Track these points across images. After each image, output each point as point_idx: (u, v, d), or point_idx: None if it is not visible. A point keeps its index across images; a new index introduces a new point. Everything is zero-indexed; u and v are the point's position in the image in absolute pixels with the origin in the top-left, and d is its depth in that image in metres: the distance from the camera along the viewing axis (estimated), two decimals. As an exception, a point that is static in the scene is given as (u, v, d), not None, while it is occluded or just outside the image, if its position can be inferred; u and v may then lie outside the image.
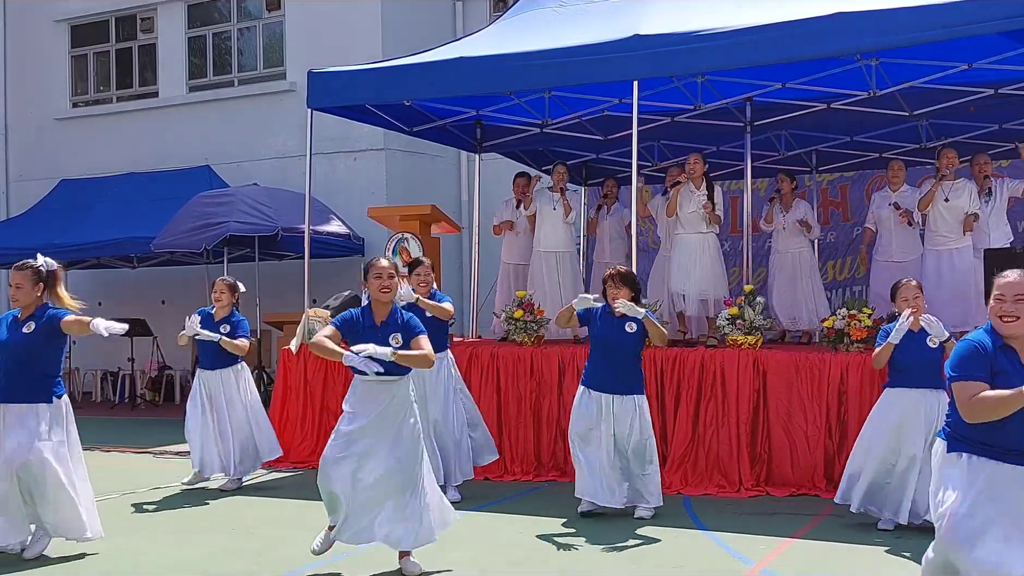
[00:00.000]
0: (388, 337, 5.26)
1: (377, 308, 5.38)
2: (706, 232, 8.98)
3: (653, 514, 6.60)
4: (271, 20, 15.36)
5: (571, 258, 10.02)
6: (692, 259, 8.96)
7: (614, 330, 6.63)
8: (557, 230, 9.85)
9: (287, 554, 5.88)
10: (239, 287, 8.19)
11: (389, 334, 5.28)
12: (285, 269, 13.87)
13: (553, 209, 9.81)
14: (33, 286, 5.80)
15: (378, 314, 5.37)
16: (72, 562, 5.74)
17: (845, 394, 7.39)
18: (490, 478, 8.16)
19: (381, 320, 5.34)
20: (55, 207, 15.45)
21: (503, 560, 5.66)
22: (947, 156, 8.78)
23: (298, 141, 13.68)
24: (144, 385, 14.63)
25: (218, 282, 8.14)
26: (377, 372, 5.11)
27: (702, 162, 8.99)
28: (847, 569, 5.53)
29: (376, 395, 5.29)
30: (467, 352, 8.59)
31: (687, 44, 7.65)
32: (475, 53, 8.56)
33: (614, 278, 6.66)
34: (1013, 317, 3.79)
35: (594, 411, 6.60)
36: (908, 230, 9.23)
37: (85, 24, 16.85)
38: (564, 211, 9.76)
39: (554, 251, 9.85)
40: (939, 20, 6.99)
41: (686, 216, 8.98)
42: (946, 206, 8.72)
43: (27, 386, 5.72)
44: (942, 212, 8.76)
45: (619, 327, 6.62)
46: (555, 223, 9.83)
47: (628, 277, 6.71)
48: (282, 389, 9.28)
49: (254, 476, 8.51)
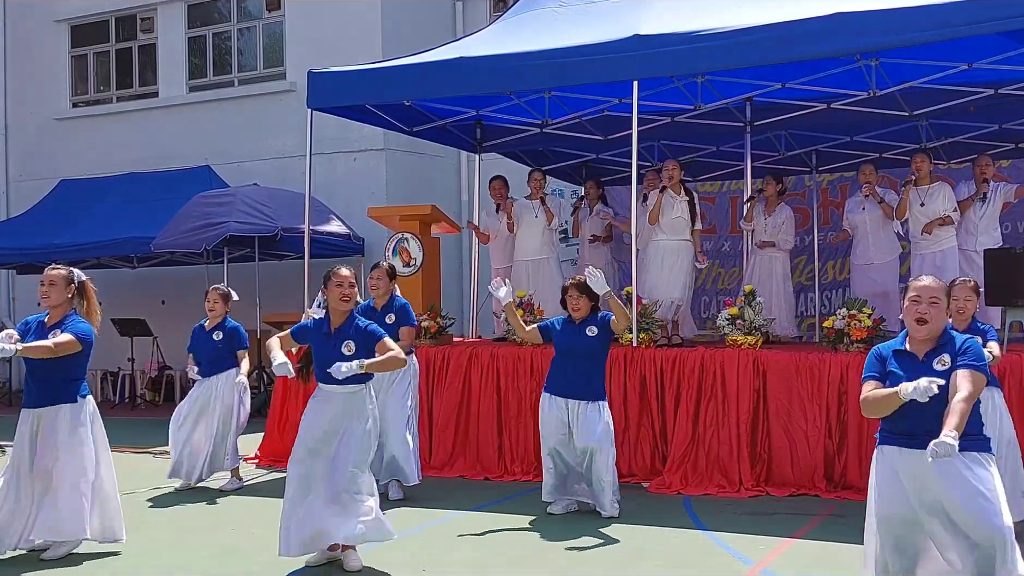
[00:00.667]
0: (341, 345, 5.36)
1: (335, 316, 5.46)
2: (685, 239, 8.96)
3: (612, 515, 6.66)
4: (271, 20, 15.36)
5: (549, 263, 9.97)
6: (668, 264, 8.92)
7: (576, 336, 6.71)
8: (535, 238, 9.87)
9: (287, 554, 5.88)
10: (232, 295, 8.23)
11: (342, 342, 5.36)
12: (285, 269, 13.87)
13: (535, 217, 9.83)
14: (66, 286, 5.85)
15: (334, 322, 5.45)
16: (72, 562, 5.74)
17: (845, 394, 7.38)
18: (490, 478, 8.17)
19: (336, 327, 5.42)
20: (55, 207, 15.43)
21: (503, 560, 5.66)
22: (917, 160, 8.95)
23: (298, 141, 13.67)
24: (144, 385, 14.62)
25: (211, 292, 8.18)
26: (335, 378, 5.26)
27: (679, 168, 8.99)
28: (847, 569, 5.53)
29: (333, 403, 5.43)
30: (467, 352, 8.59)
31: (687, 44, 7.65)
32: (475, 53, 8.56)
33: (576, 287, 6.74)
34: (926, 319, 4.03)
35: (564, 417, 6.67)
36: (885, 232, 9.32)
37: (85, 24, 16.84)
38: (547, 218, 9.78)
39: (532, 259, 9.88)
40: (939, 20, 7.00)
41: (670, 221, 8.96)
42: (922, 211, 8.85)
43: (53, 390, 5.78)
44: (918, 217, 8.89)
45: (580, 332, 6.70)
46: (534, 231, 9.85)
47: (585, 287, 6.76)
48: (282, 389, 9.29)
49: (255, 476, 8.52)
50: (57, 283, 5.83)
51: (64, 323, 5.78)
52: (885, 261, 9.33)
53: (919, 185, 8.86)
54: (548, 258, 9.95)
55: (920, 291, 4.08)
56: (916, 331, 4.08)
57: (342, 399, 5.39)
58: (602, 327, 6.72)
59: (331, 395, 5.41)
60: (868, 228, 9.38)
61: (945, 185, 8.88)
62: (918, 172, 8.87)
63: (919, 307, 4.05)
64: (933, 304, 4.05)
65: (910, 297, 4.10)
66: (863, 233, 9.44)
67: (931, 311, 4.04)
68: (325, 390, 5.44)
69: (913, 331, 4.10)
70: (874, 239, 9.35)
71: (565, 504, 6.84)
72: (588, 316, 6.75)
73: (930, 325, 4.05)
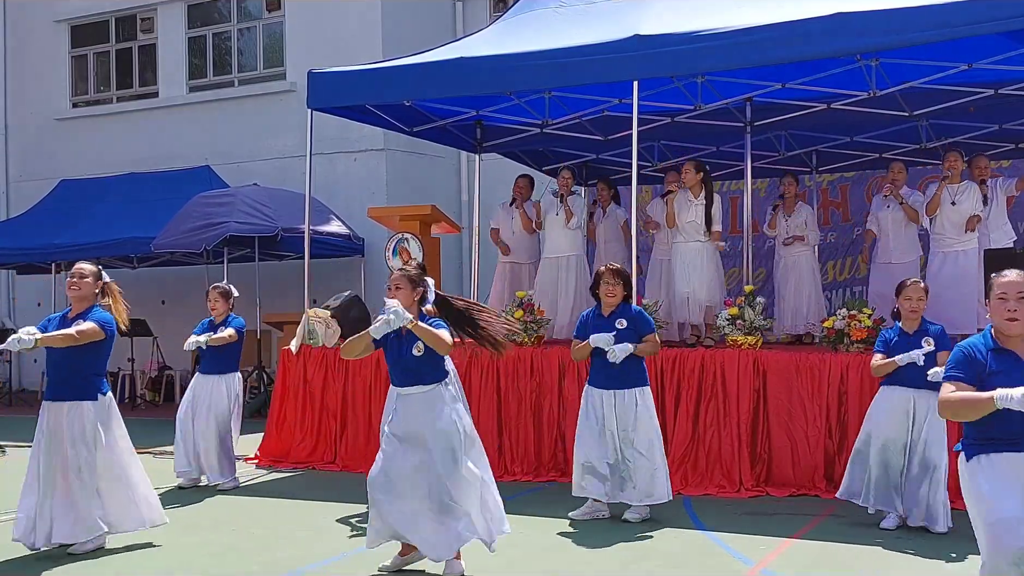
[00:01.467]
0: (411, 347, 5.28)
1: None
2: (705, 240, 8.96)
3: (641, 518, 6.55)
4: (271, 20, 15.36)
5: (577, 261, 9.98)
6: (692, 267, 8.93)
7: (607, 329, 6.60)
8: (561, 235, 9.89)
9: (287, 554, 5.88)
10: (233, 292, 8.24)
11: (413, 343, 5.28)
12: (285, 269, 13.87)
13: (556, 215, 9.85)
14: (95, 281, 5.93)
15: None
16: (72, 562, 5.74)
17: (845, 394, 7.38)
18: (490, 478, 8.16)
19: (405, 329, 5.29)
20: (55, 207, 15.44)
21: (503, 560, 5.66)
22: (951, 159, 8.78)
23: (298, 141, 13.67)
24: (144, 385, 14.63)
25: (211, 291, 8.18)
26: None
27: (694, 170, 8.92)
28: (847, 569, 5.53)
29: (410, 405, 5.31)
30: (467, 352, 8.58)
31: (687, 44, 7.65)
32: (475, 53, 8.56)
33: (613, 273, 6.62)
34: (1017, 317, 3.74)
35: (600, 406, 6.58)
36: (907, 232, 9.26)
37: (85, 24, 16.85)
38: (565, 217, 9.79)
39: (559, 256, 9.89)
40: (939, 20, 6.99)
41: (684, 225, 8.97)
42: (953, 209, 8.73)
43: (74, 384, 5.82)
44: (949, 215, 8.76)
45: (610, 325, 6.61)
46: (559, 228, 9.88)
47: (622, 273, 6.68)
48: (282, 389, 9.28)
49: (255, 476, 8.52)
50: (88, 276, 5.91)
51: (86, 315, 5.83)
52: (905, 262, 9.19)
53: (951, 183, 8.77)
54: (573, 256, 9.94)
55: (1006, 288, 3.77)
56: (1009, 329, 3.77)
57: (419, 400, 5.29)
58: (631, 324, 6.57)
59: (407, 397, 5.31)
60: (890, 228, 9.27)
61: (973, 184, 8.80)
62: (952, 171, 8.72)
63: (1008, 304, 3.75)
64: (1022, 299, 3.74)
65: (996, 295, 3.79)
66: (884, 232, 9.34)
67: (1022, 307, 3.74)
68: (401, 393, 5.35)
69: (1006, 330, 3.78)
70: (895, 239, 9.26)
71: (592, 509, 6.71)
72: (618, 308, 6.64)
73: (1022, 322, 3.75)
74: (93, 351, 5.81)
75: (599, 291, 6.66)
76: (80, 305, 5.90)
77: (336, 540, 6.21)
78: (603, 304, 6.64)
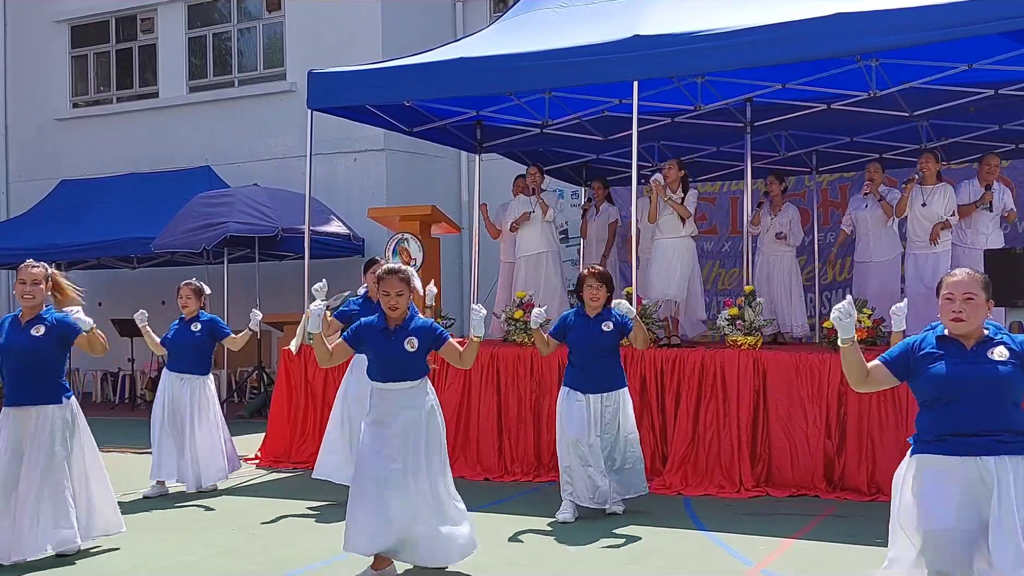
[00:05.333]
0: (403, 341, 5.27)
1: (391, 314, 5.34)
2: (683, 236, 8.97)
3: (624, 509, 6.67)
4: (271, 20, 15.36)
5: (551, 258, 10.01)
6: (666, 262, 8.96)
7: (592, 331, 6.66)
8: (535, 232, 9.90)
9: (287, 554, 5.88)
10: (205, 290, 8.16)
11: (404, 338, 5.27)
12: (285, 269, 13.87)
13: (532, 212, 9.85)
14: (46, 283, 5.85)
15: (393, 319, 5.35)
16: (71, 562, 5.73)
17: (845, 394, 7.38)
18: (490, 478, 8.17)
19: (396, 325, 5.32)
20: (55, 207, 15.44)
21: (503, 560, 5.66)
22: (924, 160, 8.94)
23: (298, 141, 13.68)
24: (144, 385, 14.61)
25: (183, 288, 8.04)
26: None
27: (676, 167, 8.99)
28: (847, 569, 5.53)
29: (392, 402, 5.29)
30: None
31: (687, 44, 7.65)
32: (475, 53, 8.56)
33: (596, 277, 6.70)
34: (963, 316, 3.76)
35: (583, 411, 6.61)
36: (887, 231, 9.32)
37: (85, 24, 16.84)
38: (542, 211, 9.80)
39: (533, 253, 9.91)
40: (939, 20, 6.99)
41: (663, 221, 8.99)
42: (922, 210, 8.83)
43: (37, 388, 5.74)
44: (919, 216, 8.87)
45: (596, 327, 6.66)
46: (533, 225, 9.89)
47: (605, 276, 6.75)
48: (282, 389, 9.28)
49: (255, 476, 8.52)
50: (40, 282, 5.80)
51: (43, 318, 5.76)
52: (885, 260, 9.34)
53: (923, 184, 8.85)
54: (547, 252, 9.97)
55: (953, 288, 3.77)
56: (954, 329, 3.78)
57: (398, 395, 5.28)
58: (617, 326, 6.66)
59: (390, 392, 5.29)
60: (869, 226, 9.41)
61: (948, 187, 8.85)
62: (924, 172, 8.85)
63: (954, 304, 3.75)
64: (968, 300, 3.74)
65: (944, 295, 3.79)
66: (864, 231, 9.47)
67: (967, 308, 3.73)
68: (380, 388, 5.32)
69: (952, 330, 3.79)
70: (874, 237, 9.38)
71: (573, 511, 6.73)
72: (602, 310, 6.70)
73: (967, 324, 3.75)
74: (54, 356, 5.77)
75: (583, 294, 6.74)
76: (34, 311, 5.79)
77: (336, 540, 6.18)
78: (587, 307, 6.73)
